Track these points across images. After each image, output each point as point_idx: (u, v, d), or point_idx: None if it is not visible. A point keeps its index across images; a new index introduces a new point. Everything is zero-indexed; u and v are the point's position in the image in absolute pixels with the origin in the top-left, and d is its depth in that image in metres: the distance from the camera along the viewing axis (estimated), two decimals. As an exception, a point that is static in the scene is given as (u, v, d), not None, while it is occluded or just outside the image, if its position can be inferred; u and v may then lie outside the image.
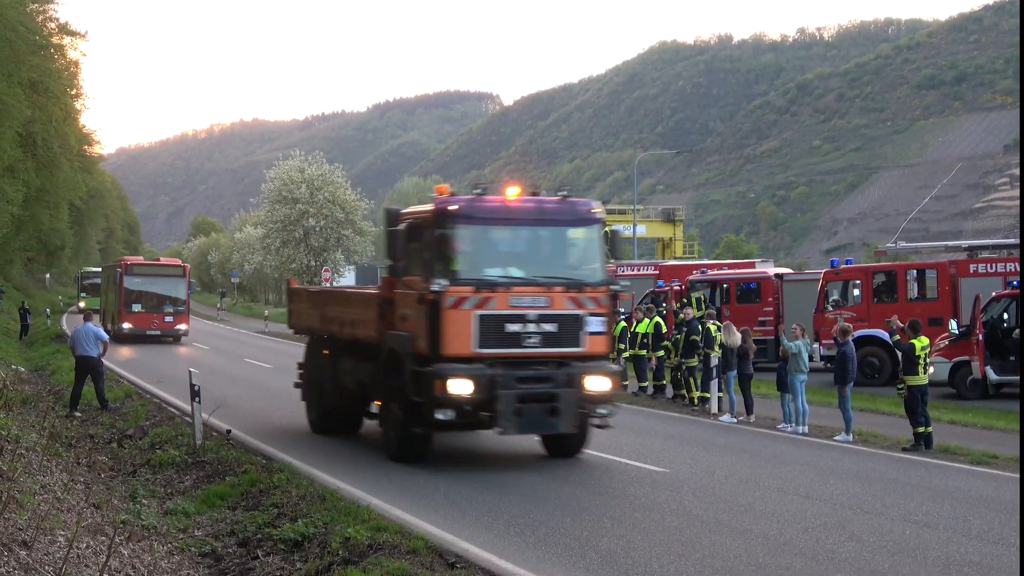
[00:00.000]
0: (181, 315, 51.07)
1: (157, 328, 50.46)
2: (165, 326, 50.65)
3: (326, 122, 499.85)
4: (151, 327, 50.19)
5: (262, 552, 12.49)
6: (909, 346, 20.76)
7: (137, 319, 50.13)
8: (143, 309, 50.36)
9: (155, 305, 50.74)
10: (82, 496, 13.63)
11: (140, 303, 50.48)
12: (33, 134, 48.18)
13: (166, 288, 51.50)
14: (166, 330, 50.85)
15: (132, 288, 50.61)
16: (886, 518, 14.29)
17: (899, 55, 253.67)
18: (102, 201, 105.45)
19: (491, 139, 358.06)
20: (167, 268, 54.79)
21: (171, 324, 50.69)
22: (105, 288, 58.66)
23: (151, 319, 50.41)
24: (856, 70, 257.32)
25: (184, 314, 51.34)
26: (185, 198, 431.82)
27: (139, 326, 49.91)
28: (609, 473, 17.37)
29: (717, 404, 25.89)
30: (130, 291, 50.44)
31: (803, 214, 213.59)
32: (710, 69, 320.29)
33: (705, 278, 39.91)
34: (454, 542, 12.30)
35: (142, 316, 50.24)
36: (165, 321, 50.60)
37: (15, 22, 37.80)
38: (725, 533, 13.17)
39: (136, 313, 50.18)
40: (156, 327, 50.44)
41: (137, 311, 50.17)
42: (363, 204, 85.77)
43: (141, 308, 50.28)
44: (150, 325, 50.20)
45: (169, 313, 50.68)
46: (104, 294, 58.61)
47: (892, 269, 34.85)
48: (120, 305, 50.17)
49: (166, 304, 50.91)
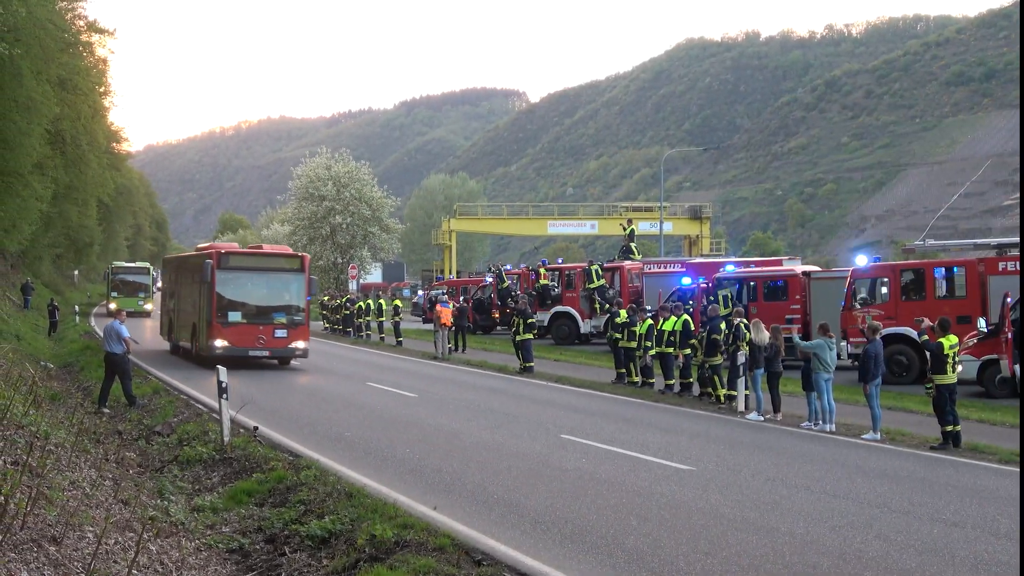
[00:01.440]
0: (299, 328, 36.02)
1: (265, 347, 35.62)
2: (276, 343, 35.65)
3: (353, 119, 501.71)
4: (256, 345, 35.46)
5: (289, 549, 12.52)
6: (937, 345, 20.67)
7: (237, 334, 35.07)
8: (244, 320, 35.28)
9: (262, 314, 35.75)
10: (110, 492, 13.68)
11: (240, 311, 35.35)
12: (62, 131, 48.55)
13: (276, 288, 36.42)
14: (277, 349, 35.88)
15: (227, 289, 35.37)
16: (914, 517, 14.22)
17: (928, 51, 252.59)
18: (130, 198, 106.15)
19: (518, 136, 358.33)
20: (278, 259, 37.52)
21: (284, 341, 35.71)
22: (173, 288, 43.51)
23: (256, 334, 35.34)
24: (884, 67, 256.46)
25: (303, 326, 36.23)
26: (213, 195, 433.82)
27: (240, 344, 35.14)
28: (636, 471, 17.33)
29: (744, 402, 25.83)
30: (223, 294, 35.24)
31: (831, 211, 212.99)
32: (737, 66, 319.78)
33: (732, 275, 39.77)
34: (480, 540, 12.29)
35: (243, 330, 35.15)
36: (276, 337, 35.54)
37: (44, 20, 37.99)
38: (752, 531, 13.13)
39: (235, 325, 35.07)
40: (263, 345, 35.58)
41: (236, 322, 35.12)
42: (390, 201, 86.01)
43: (241, 318, 35.25)
44: (255, 343, 35.39)
45: (282, 325, 35.68)
46: (173, 298, 43.18)
47: (920, 267, 34.65)
48: (211, 314, 34.84)
49: (277, 312, 35.91)
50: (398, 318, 50.96)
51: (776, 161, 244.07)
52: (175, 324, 41.39)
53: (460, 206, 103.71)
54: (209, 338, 34.76)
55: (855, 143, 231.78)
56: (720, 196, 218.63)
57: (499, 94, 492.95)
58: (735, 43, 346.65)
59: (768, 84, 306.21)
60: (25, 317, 53.54)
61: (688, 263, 47.86)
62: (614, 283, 47.89)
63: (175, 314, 41.58)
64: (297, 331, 35.67)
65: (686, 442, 20.76)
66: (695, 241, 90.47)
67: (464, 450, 18.50)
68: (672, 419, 24.51)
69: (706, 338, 27.64)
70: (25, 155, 39.11)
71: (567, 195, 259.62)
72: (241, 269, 35.73)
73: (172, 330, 41.88)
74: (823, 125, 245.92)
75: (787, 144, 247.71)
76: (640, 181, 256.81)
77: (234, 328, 34.85)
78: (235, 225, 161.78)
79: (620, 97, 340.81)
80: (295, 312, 35.85)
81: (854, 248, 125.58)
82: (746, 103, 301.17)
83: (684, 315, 30.02)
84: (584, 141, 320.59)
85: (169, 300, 43.82)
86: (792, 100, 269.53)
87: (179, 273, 42.25)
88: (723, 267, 41.75)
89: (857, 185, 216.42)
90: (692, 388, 29.20)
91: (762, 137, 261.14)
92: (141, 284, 75.36)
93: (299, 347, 35.80)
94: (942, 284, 33.51)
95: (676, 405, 27.42)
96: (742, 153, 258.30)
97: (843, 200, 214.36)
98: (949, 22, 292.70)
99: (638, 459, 18.39)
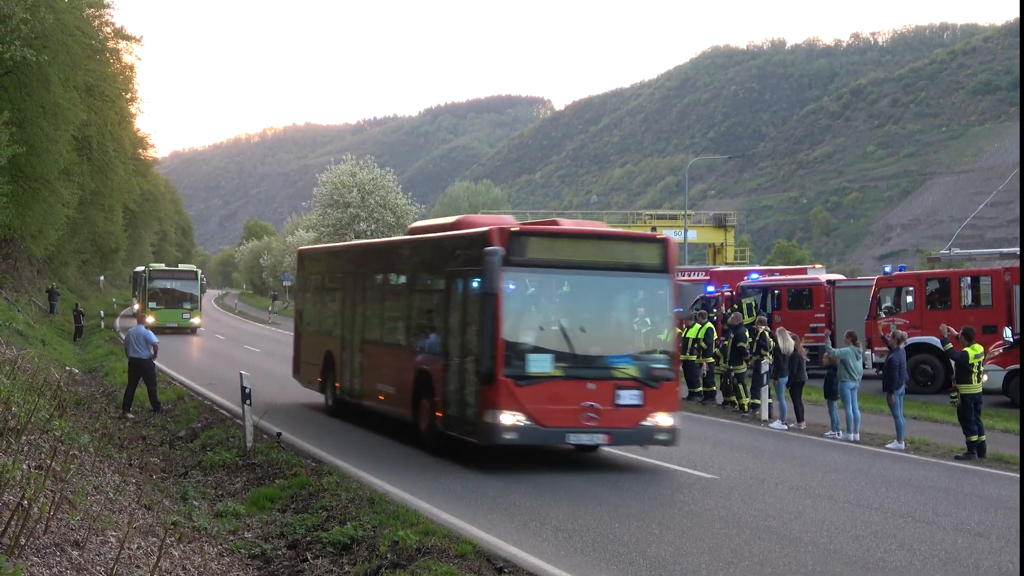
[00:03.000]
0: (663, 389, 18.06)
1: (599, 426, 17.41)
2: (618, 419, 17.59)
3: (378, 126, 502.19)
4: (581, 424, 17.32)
5: (311, 555, 12.54)
6: (962, 354, 20.57)
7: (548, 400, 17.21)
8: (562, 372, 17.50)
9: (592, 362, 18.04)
10: (134, 497, 13.72)
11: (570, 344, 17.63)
12: (88, 137, 48.81)
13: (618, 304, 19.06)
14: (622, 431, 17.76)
15: (521, 304, 17.81)
16: (938, 527, 14.16)
17: (954, 60, 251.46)
18: (156, 204, 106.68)
19: (542, 143, 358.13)
20: (621, 245, 19.37)
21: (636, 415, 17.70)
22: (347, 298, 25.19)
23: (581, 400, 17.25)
24: (911, 75, 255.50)
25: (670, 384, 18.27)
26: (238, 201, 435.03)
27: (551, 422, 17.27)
28: (658, 479, 17.30)
29: (768, 410, 25.77)
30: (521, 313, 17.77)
31: (856, 220, 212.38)
32: (763, 74, 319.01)
33: (756, 284, 39.68)
34: (502, 547, 12.28)
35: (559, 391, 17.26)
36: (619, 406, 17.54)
37: (72, 27, 38.22)
38: (774, 540, 13.09)
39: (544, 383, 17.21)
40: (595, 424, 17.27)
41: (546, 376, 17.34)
42: (414, 209, 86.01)
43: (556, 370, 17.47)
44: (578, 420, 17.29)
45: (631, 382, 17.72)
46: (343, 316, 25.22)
47: (946, 276, 34.52)
48: (496, 354, 16.75)
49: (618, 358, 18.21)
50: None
51: (801, 169, 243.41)
52: (353, 370, 24.06)
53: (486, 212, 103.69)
54: (487, 406, 17.12)
55: (881, 152, 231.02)
56: (745, 204, 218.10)
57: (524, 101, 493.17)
58: (761, 51, 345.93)
59: (794, 92, 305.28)
60: (51, 322, 53.77)
61: (712, 271, 47.77)
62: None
63: (355, 352, 24.03)
64: (660, 393, 18.00)
65: (709, 450, 20.72)
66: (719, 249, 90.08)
67: (486, 457, 18.49)
68: (695, 427, 24.44)
69: (731, 346, 27.60)
70: (52, 161, 39.35)
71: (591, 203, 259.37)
72: (552, 267, 17.97)
73: (343, 377, 24.59)
74: (849, 133, 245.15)
75: (812, 152, 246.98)
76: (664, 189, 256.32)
77: (541, 388, 17.27)
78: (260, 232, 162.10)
79: (645, 105, 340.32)
80: (654, 357, 18.35)
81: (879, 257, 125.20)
82: (771, 111, 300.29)
83: (707, 323, 29.98)
84: (609, 149, 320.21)
85: (340, 325, 25.45)
86: (818, 108, 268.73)
87: (368, 271, 24.96)
88: (748, 276, 41.67)
89: (882, 194, 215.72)
90: (715, 396, 29.13)
91: (787, 145, 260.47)
92: (186, 293, 61.71)
93: (662, 425, 17.90)
94: (968, 293, 33.39)
95: (699, 413, 27.37)
96: (767, 161, 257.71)
97: (868, 209, 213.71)
98: (976, 30, 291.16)
99: (660, 467, 18.37)
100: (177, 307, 60.77)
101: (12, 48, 26.89)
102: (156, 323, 50.68)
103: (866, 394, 30.22)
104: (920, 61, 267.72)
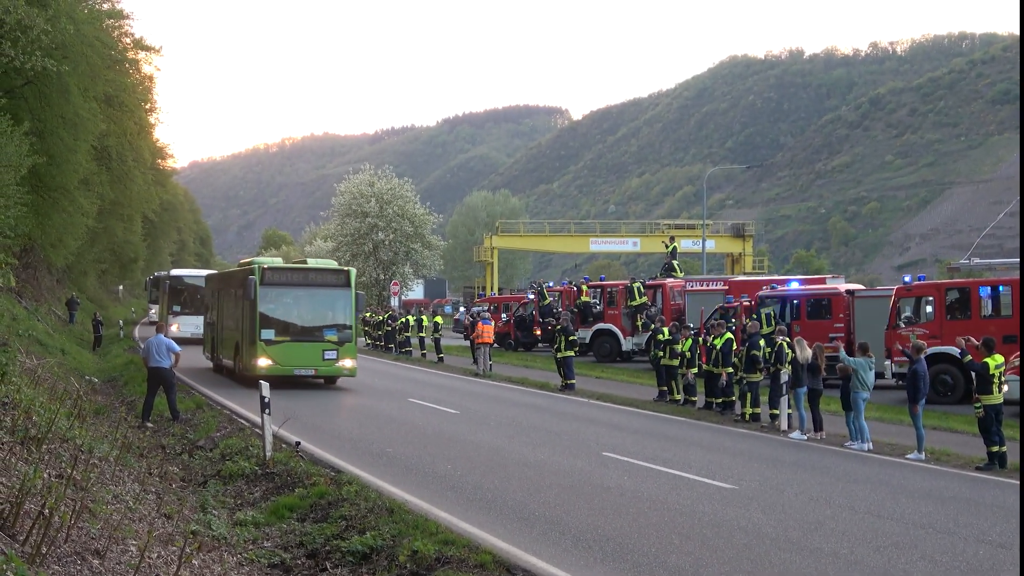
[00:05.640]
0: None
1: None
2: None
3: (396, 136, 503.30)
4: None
5: (330, 564, 12.54)
6: (983, 365, 20.48)
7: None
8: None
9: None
10: (153, 506, 13.76)
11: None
12: (108, 147, 48.98)
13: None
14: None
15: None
16: (959, 538, 14.09)
17: (973, 69, 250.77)
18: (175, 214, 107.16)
19: (560, 153, 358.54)
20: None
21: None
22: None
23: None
24: (929, 84, 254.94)
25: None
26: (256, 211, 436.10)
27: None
28: (677, 489, 17.26)
29: (787, 421, 25.70)
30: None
31: (874, 230, 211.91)
32: (781, 83, 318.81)
33: (775, 294, 39.58)
34: (522, 556, 12.26)
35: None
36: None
37: (92, 37, 38.38)
38: (795, 551, 13.04)
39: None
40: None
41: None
42: (432, 218, 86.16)
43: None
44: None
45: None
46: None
47: (966, 286, 34.35)
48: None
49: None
50: (438, 335, 51.08)
51: (820, 179, 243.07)
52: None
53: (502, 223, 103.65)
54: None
55: (899, 161, 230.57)
56: (763, 214, 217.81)
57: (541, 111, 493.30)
58: (779, 60, 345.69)
59: (812, 102, 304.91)
60: (70, 332, 53.97)
61: (731, 281, 47.71)
62: (656, 301, 47.78)
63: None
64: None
65: (728, 460, 20.66)
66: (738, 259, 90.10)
67: (505, 467, 18.47)
68: (714, 437, 24.40)
69: (745, 354, 27.58)
70: (72, 171, 39.49)
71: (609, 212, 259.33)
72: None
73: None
74: (867, 143, 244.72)
75: (831, 162, 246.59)
76: (682, 199, 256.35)
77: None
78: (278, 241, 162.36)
79: (663, 114, 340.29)
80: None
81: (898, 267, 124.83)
82: (790, 121, 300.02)
83: (727, 333, 29.91)
84: (626, 158, 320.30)
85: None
86: (836, 118, 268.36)
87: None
88: (787, 283, 41.63)
89: (901, 203, 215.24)
90: (734, 407, 29.06)
91: (806, 155, 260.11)
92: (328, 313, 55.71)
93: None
94: (987, 303, 33.21)
95: (718, 423, 27.30)
96: (785, 171, 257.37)
97: (887, 219, 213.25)
98: (995, 40, 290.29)
99: (680, 477, 18.32)
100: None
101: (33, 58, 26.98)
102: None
103: (887, 404, 30.18)
104: (939, 70, 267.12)
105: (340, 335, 33.27)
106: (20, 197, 29.76)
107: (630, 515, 14.98)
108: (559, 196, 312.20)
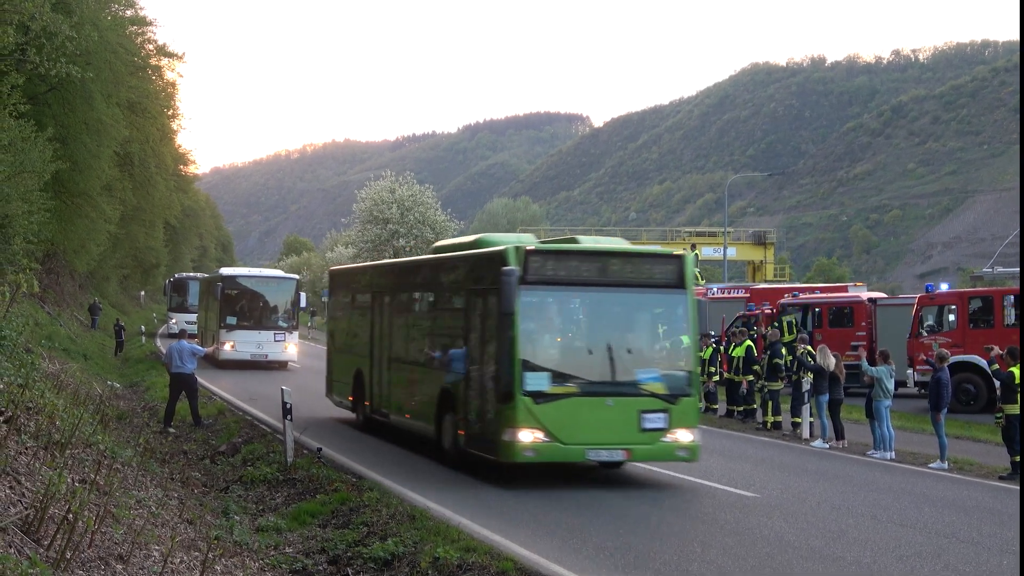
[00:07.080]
0: None
1: None
2: None
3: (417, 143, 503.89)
4: None
5: (352, 570, 12.56)
6: (1008, 374, 20.40)
7: None
8: None
9: None
10: (176, 511, 13.79)
11: None
12: (130, 153, 49.17)
13: None
14: None
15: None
16: (983, 548, 14.04)
17: (996, 77, 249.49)
18: (196, 220, 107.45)
19: (581, 160, 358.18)
20: None
21: None
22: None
23: None
24: (952, 92, 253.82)
25: None
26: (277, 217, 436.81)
27: None
28: (699, 497, 17.23)
29: (809, 429, 25.64)
30: None
31: (896, 238, 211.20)
32: (803, 91, 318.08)
33: (797, 302, 39.48)
34: (544, 564, 12.24)
35: None
36: None
37: (115, 44, 38.53)
38: (817, 560, 13.00)
39: None
40: None
41: None
42: (453, 225, 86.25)
43: None
44: None
45: None
46: None
47: (988, 294, 34.24)
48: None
49: None
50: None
51: (841, 187, 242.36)
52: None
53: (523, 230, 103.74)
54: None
55: (921, 169, 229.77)
56: (784, 222, 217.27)
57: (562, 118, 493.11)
58: (800, 68, 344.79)
59: (834, 109, 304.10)
60: (92, 337, 54.13)
61: (752, 289, 47.60)
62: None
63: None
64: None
65: (750, 469, 20.63)
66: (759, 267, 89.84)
67: (527, 476, 18.45)
68: (736, 445, 24.36)
69: (767, 362, 27.56)
70: (95, 177, 39.66)
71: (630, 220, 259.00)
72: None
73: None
74: (889, 151, 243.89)
75: (852, 170, 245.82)
76: (703, 206, 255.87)
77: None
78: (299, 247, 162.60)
79: (684, 122, 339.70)
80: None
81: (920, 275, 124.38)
82: (811, 128, 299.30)
83: (747, 341, 29.88)
84: (647, 166, 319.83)
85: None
86: (858, 126, 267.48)
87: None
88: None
89: (923, 212, 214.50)
90: (756, 414, 29.01)
91: (827, 163, 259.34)
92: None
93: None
94: (1010, 312, 33.08)
95: (740, 431, 27.26)
96: (807, 179, 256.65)
97: (909, 227, 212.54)
98: (1018, 48, 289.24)
99: (701, 485, 18.29)
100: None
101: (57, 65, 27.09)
102: None
103: (909, 413, 30.08)
104: (961, 78, 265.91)
105: (669, 383, 18.14)
106: (44, 203, 29.89)
107: (651, 523, 14.96)
108: (580, 203, 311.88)
